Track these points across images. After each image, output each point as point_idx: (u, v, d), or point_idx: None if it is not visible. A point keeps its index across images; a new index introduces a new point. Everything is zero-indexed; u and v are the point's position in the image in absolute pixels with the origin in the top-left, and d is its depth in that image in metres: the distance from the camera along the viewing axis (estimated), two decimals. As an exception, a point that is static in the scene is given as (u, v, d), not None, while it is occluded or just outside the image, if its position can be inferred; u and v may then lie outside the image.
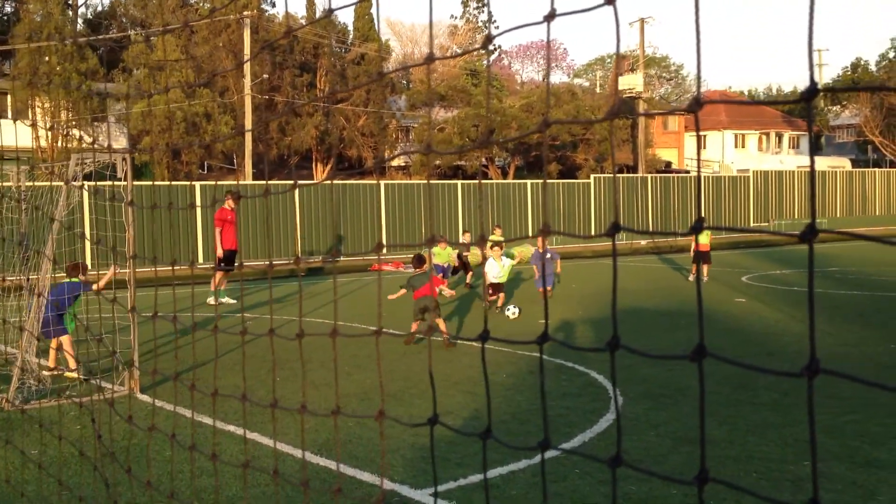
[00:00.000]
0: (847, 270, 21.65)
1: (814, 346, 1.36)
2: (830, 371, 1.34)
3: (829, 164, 59.82)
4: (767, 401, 8.17)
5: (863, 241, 14.60)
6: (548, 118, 1.61)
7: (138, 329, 9.02)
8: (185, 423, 7.68)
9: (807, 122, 11.49)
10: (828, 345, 11.31)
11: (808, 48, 1.28)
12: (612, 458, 1.59)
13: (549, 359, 10.45)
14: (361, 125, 46.03)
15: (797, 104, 1.53)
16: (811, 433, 1.36)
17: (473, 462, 6.36)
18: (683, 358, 1.50)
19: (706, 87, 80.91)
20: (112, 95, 35.06)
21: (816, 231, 1.28)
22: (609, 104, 52.97)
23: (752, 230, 4.17)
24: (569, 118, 44.06)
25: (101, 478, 4.72)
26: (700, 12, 1.38)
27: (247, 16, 35.41)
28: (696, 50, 1.38)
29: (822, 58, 75.98)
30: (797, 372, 1.34)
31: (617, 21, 1.57)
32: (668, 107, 62.86)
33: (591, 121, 1.59)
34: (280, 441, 7.10)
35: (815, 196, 2.57)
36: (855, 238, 1.31)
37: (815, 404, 1.37)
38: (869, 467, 6.17)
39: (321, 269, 26.09)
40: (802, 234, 1.29)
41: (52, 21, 35.99)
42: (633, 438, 7.05)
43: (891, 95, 55.73)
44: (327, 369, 10.15)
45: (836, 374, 1.33)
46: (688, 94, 73.90)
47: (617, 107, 1.55)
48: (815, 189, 40.07)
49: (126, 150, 8.32)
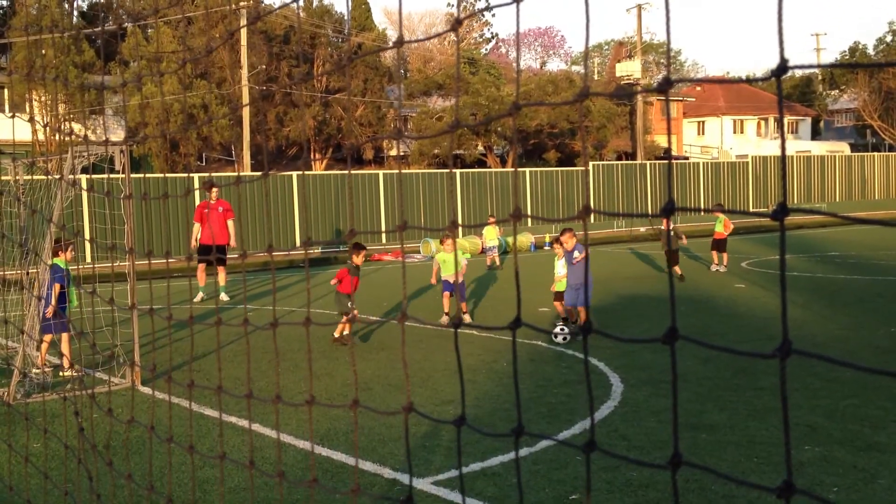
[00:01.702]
0: (847, 255, 21.66)
1: (786, 327, 1.38)
2: (802, 352, 1.36)
3: (828, 148, 59.74)
4: (768, 385, 8.18)
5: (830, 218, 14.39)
6: (517, 101, 1.61)
7: (138, 322, 9.03)
8: (186, 415, 7.70)
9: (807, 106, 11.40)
10: (828, 329, 11.33)
11: (777, 25, 1.28)
12: (587, 443, 1.61)
13: (550, 346, 10.47)
14: (359, 115, 45.97)
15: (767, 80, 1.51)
16: (784, 413, 1.37)
17: (475, 450, 6.37)
18: (655, 341, 1.51)
19: (704, 72, 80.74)
20: (109, 87, 35.04)
21: (787, 210, 1.32)
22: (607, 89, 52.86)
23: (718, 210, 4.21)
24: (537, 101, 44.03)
25: (85, 471, 4.73)
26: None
27: (243, 6, 35.30)
28: (666, 29, 1.38)
29: (819, 42, 75.85)
30: (770, 353, 1.36)
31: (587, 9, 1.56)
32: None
33: (560, 103, 1.60)
34: (281, 431, 7.11)
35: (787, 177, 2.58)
36: (825, 216, 1.32)
37: (786, 385, 1.39)
38: (869, 451, 6.19)
39: (322, 260, 26.09)
40: (774, 213, 1.32)
41: (48, 14, 35.89)
42: (634, 425, 7.07)
43: (889, 79, 55.59)
44: (328, 359, 10.16)
45: (806, 354, 1.35)
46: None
47: (586, 89, 1.54)
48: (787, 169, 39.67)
49: (120, 143, 8.31)
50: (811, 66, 1.32)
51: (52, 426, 7.08)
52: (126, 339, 9.48)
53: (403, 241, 16.87)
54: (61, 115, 34.64)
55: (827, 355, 1.31)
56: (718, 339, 10.94)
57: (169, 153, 38.66)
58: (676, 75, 76.53)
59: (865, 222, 1.37)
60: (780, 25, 1.30)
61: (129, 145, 7.96)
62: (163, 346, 11.19)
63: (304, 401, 2.45)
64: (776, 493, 1.31)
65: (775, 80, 1.31)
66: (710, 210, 3.76)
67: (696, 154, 58.87)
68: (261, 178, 2.36)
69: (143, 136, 28.62)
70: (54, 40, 4.60)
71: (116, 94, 34.93)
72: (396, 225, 1.91)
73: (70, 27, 28.88)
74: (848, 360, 6.81)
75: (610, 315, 13.14)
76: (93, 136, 35.82)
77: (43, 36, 5.25)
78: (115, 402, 8.05)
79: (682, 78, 5.78)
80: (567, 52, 77.64)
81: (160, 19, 35.78)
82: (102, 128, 37.69)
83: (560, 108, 45.27)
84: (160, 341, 11.45)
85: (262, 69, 40.75)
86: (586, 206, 1.56)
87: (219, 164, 43.16)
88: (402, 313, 2.12)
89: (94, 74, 36.69)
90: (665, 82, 1.44)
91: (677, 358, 1.58)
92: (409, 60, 59.86)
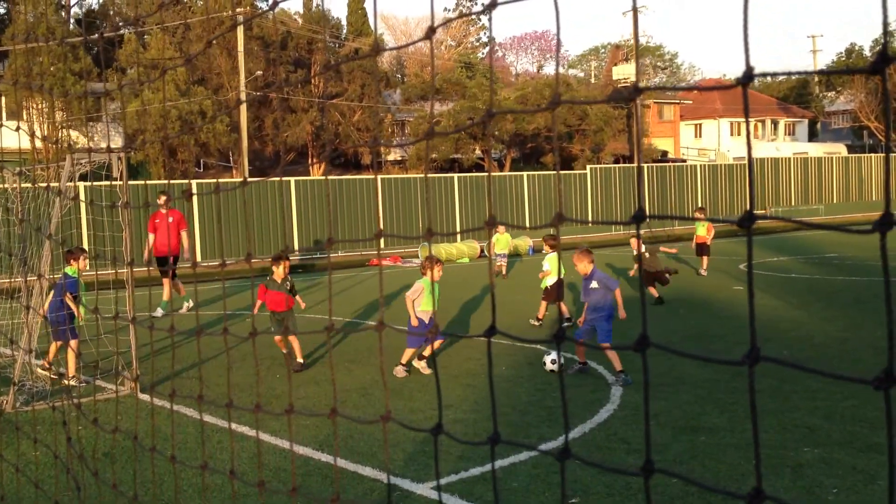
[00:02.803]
0: (845, 256, 21.67)
1: (754, 334, 1.39)
2: (770, 358, 1.37)
3: (825, 150, 59.80)
4: (766, 387, 8.18)
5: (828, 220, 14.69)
6: (492, 109, 1.62)
7: (137, 329, 9.02)
8: (182, 422, 7.70)
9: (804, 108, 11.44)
10: (826, 330, 11.34)
11: (742, 31, 1.29)
12: (561, 450, 1.61)
13: (548, 350, 10.46)
14: (357, 120, 45.98)
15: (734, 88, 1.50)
16: (753, 420, 1.38)
17: (475, 455, 6.37)
18: (627, 349, 1.52)
19: (701, 76, 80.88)
20: (107, 94, 35.00)
21: (755, 217, 1.34)
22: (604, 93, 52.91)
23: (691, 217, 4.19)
24: (511, 108, 43.93)
25: (72, 481, 4.73)
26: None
27: (240, 12, 35.33)
28: (634, 35, 1.39)
29: (816, 44, 75.98)
30: (738, 360, 1.37)
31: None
32: (663, 96, 62.78)
33: (533, 110, 1.61)
34: (282, 437, 7.11)
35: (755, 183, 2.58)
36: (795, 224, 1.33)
37: (755, 391, 1.39)
38: (869, 452, 6.19)
39: (314, 267, 26.10)
40: (741, 221, 1.34)
41: (44, 22, 35.92)
42: (633, 428, 7.07)
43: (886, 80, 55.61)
44: (327, 366, 10.15)
45: (775, 360, 1.36)
46: (682, 83, 73.83)
47: (556, 97, 1.56)
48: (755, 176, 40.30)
49: (117, 150, 8.31)
50: (777, 73, 1.33)
51: (48, 435, 7.06)
52: (124, 347, 9.48)
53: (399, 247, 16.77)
54: (59, 123, 34.63)
55: (795, 362, 1.32)
56: (717, 340, 10.94)
57: (167, 160, 38.66)
58: (673, 79, 76.58)
59: (823, 228, 1.39)
60: (745, 34, 1.31)
61: (126, 152, 7.96)
62: (160, 354, 11.18)
63: (285, 409, 2.45)
64: (746, 499, 1.31)
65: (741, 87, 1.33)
66: (692, 217, 3.76)
67: (694, 157, 58.93)
68: (240, 186, 2.37)
69: (141, 141, 28.61)
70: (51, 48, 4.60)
71: (114, 100, 34.94)
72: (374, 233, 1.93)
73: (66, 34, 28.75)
74: (847, 360, 6.81)
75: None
76: (90, 143, 35.82)
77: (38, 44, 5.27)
78: (114, 411, 8.04)
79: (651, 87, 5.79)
80: (564, 55, 77.73)
81: (157, 25, 35.81)
82: (100, 135, 37.69)
83: (557, 112, 45.24)
84: (160, 349, 11.44)
85: (259, 75, 40.77)
86: (559, 214, 1.57)
87: (217, 170, 43.16)
88: (378, 321, 2.13)
89: (91, 81, 36.69)
90: (634, 90, 1.45)
91: (676, 360, 1.58)
92: (406, 65, 59.91)
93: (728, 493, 1.40)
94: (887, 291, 1.22)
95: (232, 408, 2.52)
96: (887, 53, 1.18)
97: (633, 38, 50.07)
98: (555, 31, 1.53)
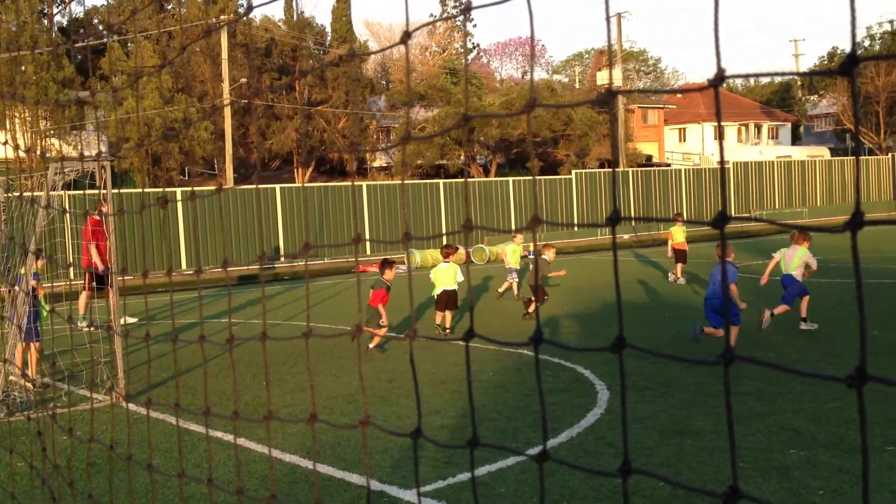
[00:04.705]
0: (829, 258, 21.79)
1: (728, 334, 1.39)
2: (743, 357, 1.37)
3: (808, 153, 60.17)
4: (752, 390, 8.21)
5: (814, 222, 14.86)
6: (467, 114, 1.62)
7: (120, 339, 8.96)
8: (171, 430, 7.66)
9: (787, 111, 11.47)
10: (812, 333, 11.40)
11: (714, 33, 1.30)
12: (539, 453, 1.61)
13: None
14: (342, 127, 45.96)
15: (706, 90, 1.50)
16: (728, 419, 1.38)
17: (462, 460, 6.35)
18: (605, 349, 1.52)
19: (685, 80, 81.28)
20: (89, 102, 34.87)
21: (728, 218, 1.36)
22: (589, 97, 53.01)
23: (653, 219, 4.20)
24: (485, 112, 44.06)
25: (49, 492, 4.69)
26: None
27: (224, 20, 35.27)
28: (607, 37, 1.39)
29: (798, 48, 76.46)
30: (713, 360, 1.37)
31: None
32: (647, 101, 63.08)
33: (510, 114, 1.61)
34: (268, 445, 7.07)
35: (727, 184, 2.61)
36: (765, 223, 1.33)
37: (730, 392, 1.40)
38: (854, 453, 6.21)
39: (294, 276, 26.03)
40: (714, 222, 1.35)
41: (27, 30, 35.76)
42: (619, 432, 7.07)
43: (867, 83, 56.08)
44: (314, 372, 10.13)
45: (749, 360, 1.36)
46: (667, 87, 74.19)
47: (533, 99, 1.56)
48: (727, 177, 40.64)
49: (90, 158, 8.28)
50: (748, 74, 1.34)
51: (27, 447, 7.00)
52: (106, 354, 9.42)
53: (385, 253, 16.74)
54: (42, 132, 34.46)
55: (767, 361, 1.32)
56: (707, 344, 10.96)
57: (151, 168, 38.51)
58: (657, 83, 76.95)
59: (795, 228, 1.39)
60: (716, 35, 1.32)
61: (107, 160, 7.92)
62: (145, 364, 11.12)
63: (262, 416, 2.44)
64: (722, 498, 1.31)
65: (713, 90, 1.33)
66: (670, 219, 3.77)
67: (678, 161, 59.17)
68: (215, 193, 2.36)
69: (122, 149, 28.48)
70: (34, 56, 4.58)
71: (98, 109, 34.76)
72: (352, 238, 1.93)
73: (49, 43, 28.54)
74: (833, 362, 6.83)
75: (594, 321, 13.17)
76: (73, 152, 35.62)
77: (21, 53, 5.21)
78: (98, 420, 7.99)
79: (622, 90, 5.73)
80: (548, 61, 77.95)
81: (140, 34, 35.71)
82: (83, 144, 37.50)
83: (542, 116, 45.38)
84: (140, 358, 11.38)
85: (243, 82, 40.69)
86: (535, 217, 1.57)
87: (202, 177, 43.02)
88: (356, 326, 2.12)
89: (74, 90, 36.51)
90: (608, 93, 1.46)
91: (662, 365, 1.58)
92: (390, 72, 59.91)
93: (704, 491, 1.39)
94: (859, 292, 1.22)
95: (210, 415, 2.51)
96: (855, 55, 1.19)
97: (616, 44, 50.30)
98: (538, 36, 1.53)
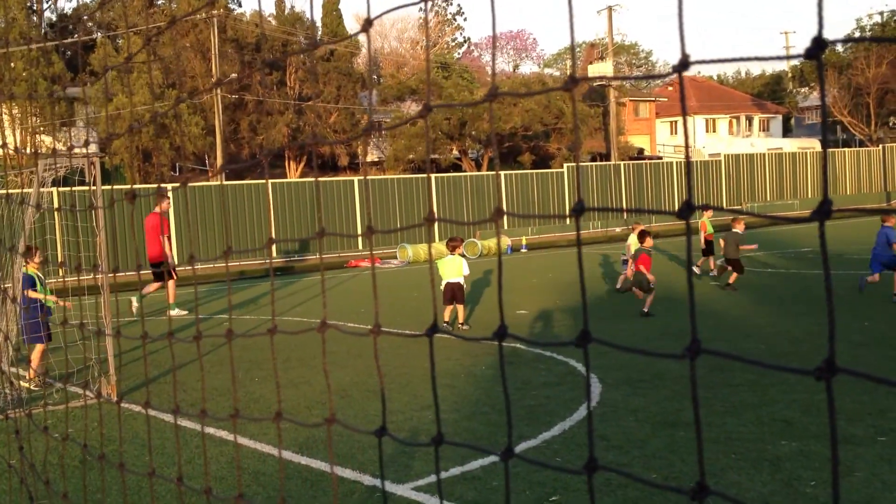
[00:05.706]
0: (818, 251, 21.87)
1: (695, 326, 1.39)
2: (712, 351, 1.37)
3: (800, 145, 60.30)
4: (743, 381, 8.24)
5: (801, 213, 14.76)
6: (429, 103, 1.62)
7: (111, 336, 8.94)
8: (163, 427, 7.64)
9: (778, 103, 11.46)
10: (801, 324, 11.43)
11: (678, 20, 1.30)
12: (505, 450, 1.62)
13: (528, 349, 10.48)
14: (333, 122, 45.89)
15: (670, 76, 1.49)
16: (695, 414, 1.38)
17: (454, 454, 6.36)
18: (570, 344, 1.51)
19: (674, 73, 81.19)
20: (79, 99, 34.76)
21: (694, 207, 1.35)
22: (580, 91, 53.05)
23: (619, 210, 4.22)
24: (449, 102, 44.06)
25: (26, 491, 4.68)
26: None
27: (214, 15, 35.15)
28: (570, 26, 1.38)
29: (788, 40, 76.58)
30: (679, 353, 1.37)
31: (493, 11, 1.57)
32: (639, 94, 63.12)
33: (472, 103, 1.60)
34: (260, 441, 7.07)
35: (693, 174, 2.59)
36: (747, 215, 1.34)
37: (697, 386, 1.39)
38: (845, 444, 6.24)
39: (292, 269, 26.02)
40: (679, 212, 1.34)
41: (16, 26, 35.58)
42: (612, 424, 7.09)
43: (857, 75, 56.19)
44: (307, 367, 10.13)
45: (717, 353, 1.36)
46: (658, 82, 74.23)
47: (493, 89, 1.56)
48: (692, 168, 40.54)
49: (87, 154, 8.25)
50: (713, 60, 1.33)
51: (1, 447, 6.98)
52: (100, 351, 9.39)
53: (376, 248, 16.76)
54: (32, 128, 34.31)
55: (735, 353, 1.32)
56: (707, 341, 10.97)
57: (141, 164, 38.40)
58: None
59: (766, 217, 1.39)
60: (680, 21, 1.31)
61: (97, 156, 7.89)
62: (138, 360, 11.10)
63: (229, 415, 2.44)
64: (689, 494, 1.30)
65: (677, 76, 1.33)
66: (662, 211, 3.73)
67: (670, 154, 59.24)
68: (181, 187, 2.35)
69: (111, 144, 28.40)
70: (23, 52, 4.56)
71: (87, 104, 34.66)
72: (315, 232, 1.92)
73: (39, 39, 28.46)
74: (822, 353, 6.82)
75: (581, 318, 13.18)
76: (63, 147, 35.51)
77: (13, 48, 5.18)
78: (91, 418, 7.97)
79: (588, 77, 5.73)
80: (539, 54, 77.96)
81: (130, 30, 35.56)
82: (72, 140, 37.35)
83: (534, 110, 45.38)
84: (136, 354, 11.35)
85: (233, 77, 40.56)
86: (498, 209, 1.57)
87: (192, 173, 42.90)
88: (321, 322, 2.12)
89: (63, 85, 36.35)
90: (570, 80, 1.46)
91: (655, 357, 1.58)
92: (381, 66, 59.81)
93: (671, 488, 1.38)
94: (828, 283, 1.21)
95: (201, 415, 2.50)
96: (822, 39, 1.18)
97: (607, 37, 50.32)
98: (530, 30, 1.53)
